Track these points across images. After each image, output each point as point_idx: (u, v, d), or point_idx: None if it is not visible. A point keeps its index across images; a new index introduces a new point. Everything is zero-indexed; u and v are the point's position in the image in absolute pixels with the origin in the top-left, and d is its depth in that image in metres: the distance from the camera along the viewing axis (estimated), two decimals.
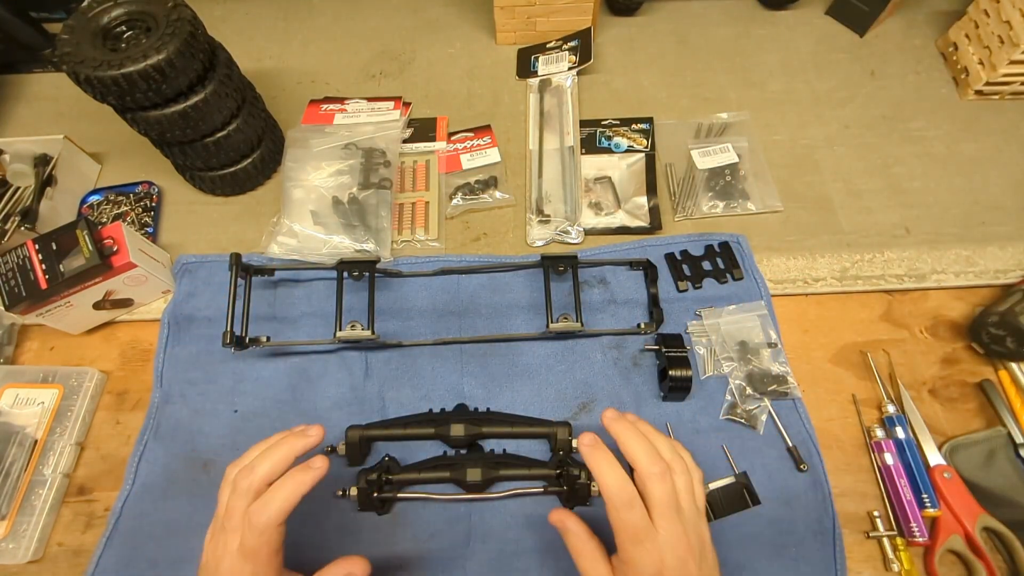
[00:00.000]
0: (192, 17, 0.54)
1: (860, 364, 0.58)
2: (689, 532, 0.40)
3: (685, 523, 0.40)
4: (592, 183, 0.67)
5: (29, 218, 0.60)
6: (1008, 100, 0.71)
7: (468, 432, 0.52)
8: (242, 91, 0.62)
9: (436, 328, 0.59)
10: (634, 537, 0.39)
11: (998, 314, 0.54)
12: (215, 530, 0.41)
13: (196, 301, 0.61)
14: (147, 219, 0.66)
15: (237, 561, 0.39)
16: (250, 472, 0.40)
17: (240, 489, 0.40)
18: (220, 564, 0.39)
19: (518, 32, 0.77)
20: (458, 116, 0.73)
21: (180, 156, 0.62)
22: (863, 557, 0.50)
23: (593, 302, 0.60)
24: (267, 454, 0.41)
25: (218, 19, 0.81)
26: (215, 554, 0.40)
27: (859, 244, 0.63)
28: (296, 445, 0.42)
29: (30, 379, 0.57)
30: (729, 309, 0.58)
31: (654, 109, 0.72)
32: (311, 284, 0.61)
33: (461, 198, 0.66)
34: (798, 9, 0.80)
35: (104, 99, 0.53)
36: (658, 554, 0.39)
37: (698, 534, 0.41)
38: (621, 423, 0.44)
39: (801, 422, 0.54)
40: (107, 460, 0.55)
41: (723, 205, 0.65)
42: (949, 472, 0.52)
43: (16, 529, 0.51)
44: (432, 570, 0.50)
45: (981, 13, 0.68)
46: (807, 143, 0.70)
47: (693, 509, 0.42)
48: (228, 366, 0.58)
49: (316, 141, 0.67)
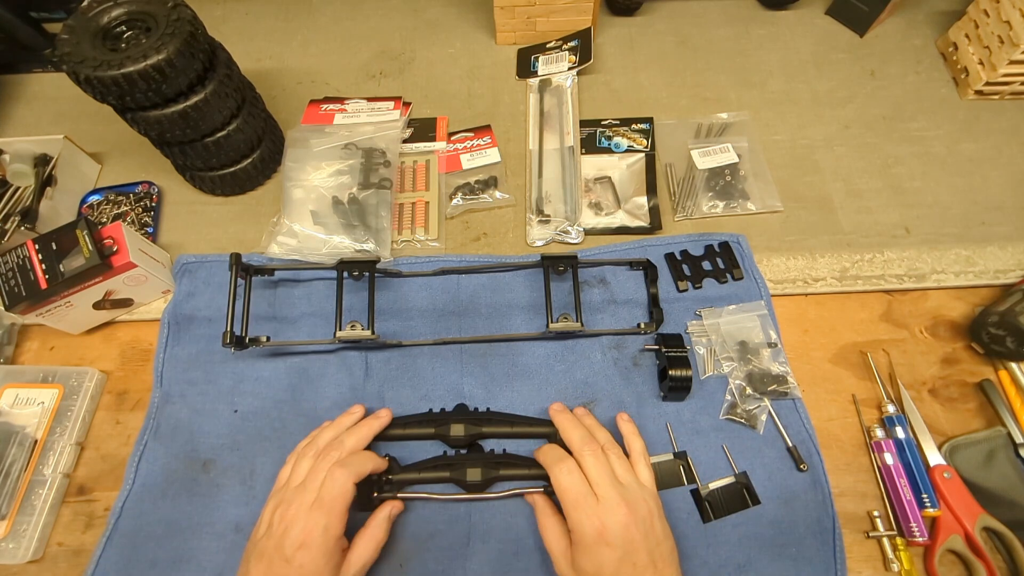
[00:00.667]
0: (192, 17, 0.54)
1: (860, 364, 0.58)
2: (631, 503, 0.43)
3: (626, 495, 0.44)
4: (592, 183, 0.67)
5: (29, 218, 0.60)
6: (1008, 100, 0.71)
7: (468, 432, 0.52)
8: (242, 91, 0.62)
9: (436, 328, 0.59)
10: (574, 502, 0.44)
11: (998, 314, 0.54)
12: (282, 499, 0.46)
13: (196, 301, 0.61)
14: (147, 219, 0.66)
15: (312, 514, 0.43)
16: (340, 445, 0.48)
17: (330, 457, 0.47)
18: (293, 524, 0.43)
19: (518, 32, 0.77)
20: (458, 116, 0.73)
21: (180, 156, 0.62)
22: (863, 557, 0.50)
23: (593, 302, 0.60)
24: (353, 432, 0.50)
25: (218, 19, 0.81)
26: (284, 518, 0.44)
27: (859, 244, 0.63)
28: (374, 426, 0.51)
29: (30, 379, 0.57)
30: (729, 309, 0.58)
31: (654, 109, 0.72)
32: (311, 284, 0.61)
33: (461, 198, 0.66)
34: (798, 9, 0.80)
35: (104, 99, 0.53)
36: (598, 519, 0.42)
37: (645, 507, 0.44)
38: (563, 413, 0.51)
39: (801, 422, 0.54)
40: (107, 460, 0.55)
41: (723, 205, 0.65)
42: (949, 472, 0.52)
43: (16, 529, 0.51)
44: (432, 570, 0.50)
45: (981, 13, 0.68)
46: (807, 143, 0.70)
47: (635, 485, 0.46)
48: (228, 366, 0.58)
49: (316, 141, 0.67)
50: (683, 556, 0.47)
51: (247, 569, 0.43)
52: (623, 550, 0.41)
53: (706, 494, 0.51)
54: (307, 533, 0.42)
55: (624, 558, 0.41)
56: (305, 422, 0.54)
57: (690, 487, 0.52)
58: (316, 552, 0.42)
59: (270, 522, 0.45)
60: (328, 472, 0.45)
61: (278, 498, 0.46)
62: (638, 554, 0.41)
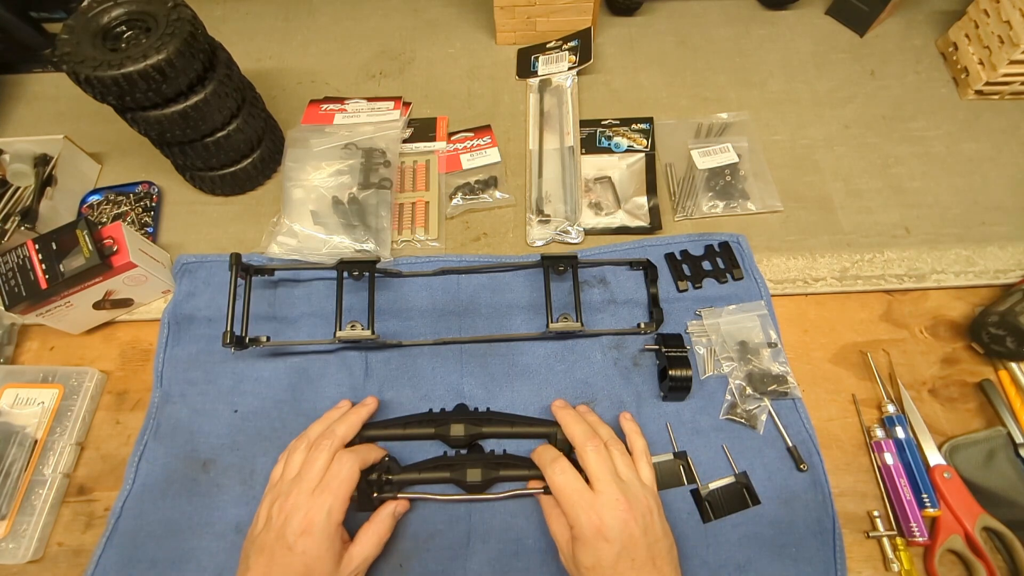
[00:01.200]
0: (192, 17, 0.54)
1: (860, 364, 0.58)
2: (631, 499, 0.43)
3: (626, 491, 0.44)
4: (592, 183, 0.67)
5: (29, 218, 0.60)
6: (1008, 100, 0.71)
7: (468, 432, 0.52)
8: (242, 91, 0.62)
9: (436, 328, 0.59)
10: (570, 500, 0.44)
11: (998, 314, 0.54)
12: (278, 493, 0.45)
13: (196, 301, 0.61)
14: (147, 219, 0.66)
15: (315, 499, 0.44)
16: (332, 434, 0.48)
17: (322, 447, 0.47)
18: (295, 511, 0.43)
19: (518, 32, 0.77)
20: (458, 116, 0.73)
21: (180, 156, 0.62)
22: (863, 557, 0.50)
23: (593, 302, 0.60)
24: (342, 420, 0.50)
25: (218, 19, 0.81)
26: (283, 508, 0.44)
27: (859, 244, 0.63)
28: (362, 413, 0.52)
29: (30, 379, 0.57)
30: (729, 309, 0.58)
31: (654, 109, 0.72)
32: (311, 284, 0.61)
33: (461, 198, 0.66)
34: (798, 9, 0.80)
35: (104, 99, 0.53)
36: (596, 514, 0.42)
37: (644, 504, 0.44)
38: (566, 410, 0.51)
39: (801, 422, 0.54)
40: (107, 460, 0.55)
41: (723, 205, 0.65)
42: (949, 472, 0.52)
43: (16, 529, 0.51)
44: (432, 570, 0.50)
45: (981, 13, 0.68)
46: (807, 143, 0.70)
47: (636, 482, 0.45)
48: (228, 366, 0.58)
49: (316, 141, 0.67)
50: (683, 556, 0.47)
51: (247, 566, 0.43)
52: (621, 545, 0.41)
53: (706, 494, 0.51)
54: (309, 519, 0.43)
55: (622, 553, 0.41)
56: (305, 422, 0.54)
57: (690, 487, 0.52)
58: (319, 537, 0.42)
59: (268, 516, 0.45)
60: (336, 456, 0.46)
61: (274, 493, 0.46)
62: (637, 550, 0.42)
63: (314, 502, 0.43)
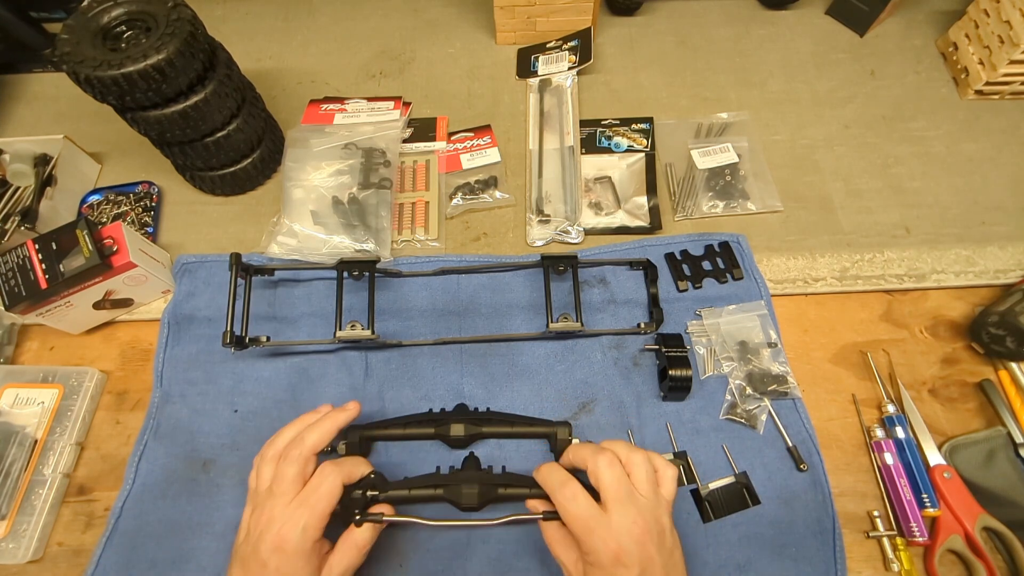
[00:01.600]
0: (192, 17, 0.54)
1: (860, 364, 0.58)
2: (646, 516, 0.41)
3: (640, 509, 0.41)
4: (592, 183, 0.67)
5: (29, 218, 0.60)
6: (1008, 100, 0.71)
7: (468, 432, 0.52)
8: (242, 91, 0.62)
9: (436, 328, 0.59)
10: (584, 528, 0.40)
11: (998, 314, 0.54)
12: (255, 504, 0.44)
13: (196, 301, 0.61)
14: (147, 219, 0.66)
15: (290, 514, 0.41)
16: (300, 443, 0.44)
17: (291, 457, 0.43)
18: (269, 526, 0.41)
19: (518, 32, 0.77)
20: (458, 116, 0.73)
21: (180, 156, 0.62)
22: (863, 557, 0.50)
23: (593, 302, 0.60)
24: (314, 427, 0.45)
25: (218, 19, 0.81)
26: (259, 521, 0.42)
27: (859, 244, 0.63)
28: (339, 419, 0.47)
29: (30, 379, 0.57)
30: (729, 309, 0.58)
31: (654, 109, 0.72)
32: (311, 284, 0.61)
33: (461, 198, 0.66)
34: (798, 9, 0.80)
35: (104, 99, 0.53)
36: (614, 541, 0.40)
37: (656, 519, 0.41)
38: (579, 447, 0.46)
39: (801, 422, 0.54)
40: (107, 460, 0.55)
41: (723, 205, 0.65)
42: (949, 472, 0.52)
43: (16, 529, 0.51)
44: (432, 570, 0.50)
45: (981, 13, 0.68)
46: (807, 143, 0.70)
47: (652, 496, 0.42)
48: (228, 366, 0.58)
49: (316, 141, 0.67)
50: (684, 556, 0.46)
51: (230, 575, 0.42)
52: (640, 567, 0.39)
53: (706, 494, 0.51)
54: (282, 536, 0.41)
55: None
56: None
57: (690, 487, 0.52)
58: (293, 555, 0.40)
59: (248, 527, 0.43)
60: (319, 469, 0.44)
61: (253, 503, 0.44)
62: (654, 570, 0.40)
63: (289, 517, 0.41)
